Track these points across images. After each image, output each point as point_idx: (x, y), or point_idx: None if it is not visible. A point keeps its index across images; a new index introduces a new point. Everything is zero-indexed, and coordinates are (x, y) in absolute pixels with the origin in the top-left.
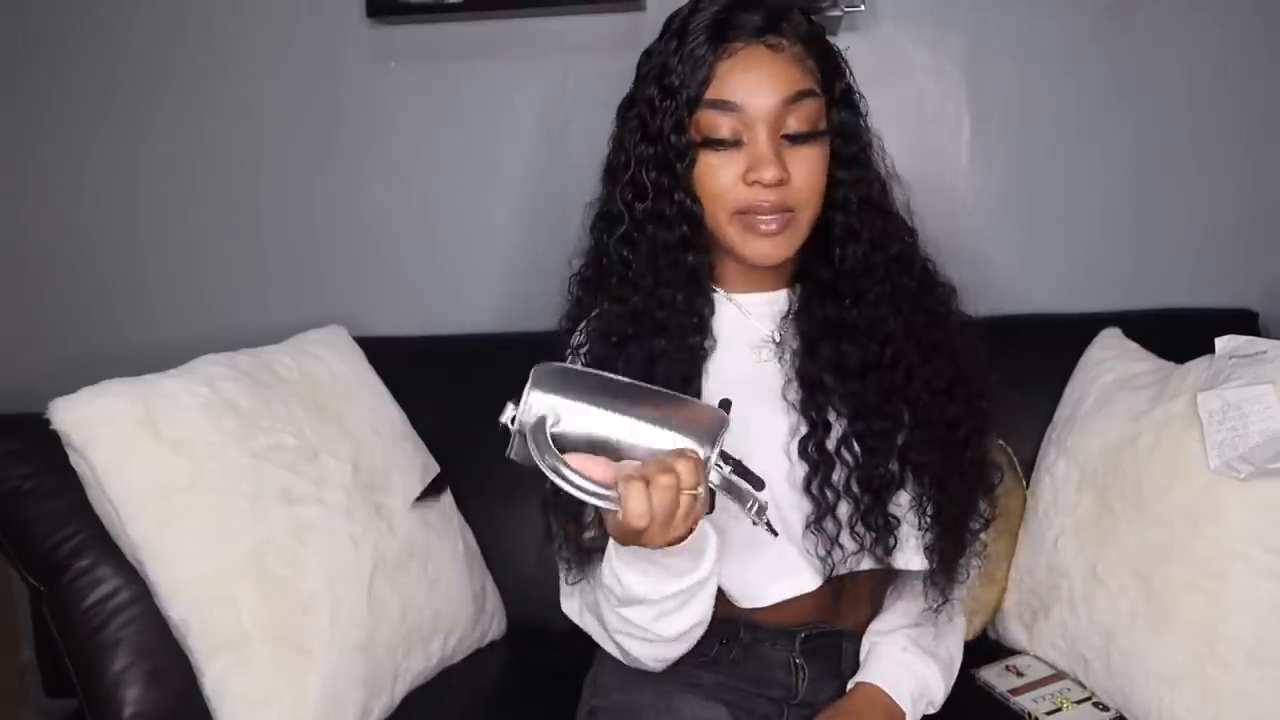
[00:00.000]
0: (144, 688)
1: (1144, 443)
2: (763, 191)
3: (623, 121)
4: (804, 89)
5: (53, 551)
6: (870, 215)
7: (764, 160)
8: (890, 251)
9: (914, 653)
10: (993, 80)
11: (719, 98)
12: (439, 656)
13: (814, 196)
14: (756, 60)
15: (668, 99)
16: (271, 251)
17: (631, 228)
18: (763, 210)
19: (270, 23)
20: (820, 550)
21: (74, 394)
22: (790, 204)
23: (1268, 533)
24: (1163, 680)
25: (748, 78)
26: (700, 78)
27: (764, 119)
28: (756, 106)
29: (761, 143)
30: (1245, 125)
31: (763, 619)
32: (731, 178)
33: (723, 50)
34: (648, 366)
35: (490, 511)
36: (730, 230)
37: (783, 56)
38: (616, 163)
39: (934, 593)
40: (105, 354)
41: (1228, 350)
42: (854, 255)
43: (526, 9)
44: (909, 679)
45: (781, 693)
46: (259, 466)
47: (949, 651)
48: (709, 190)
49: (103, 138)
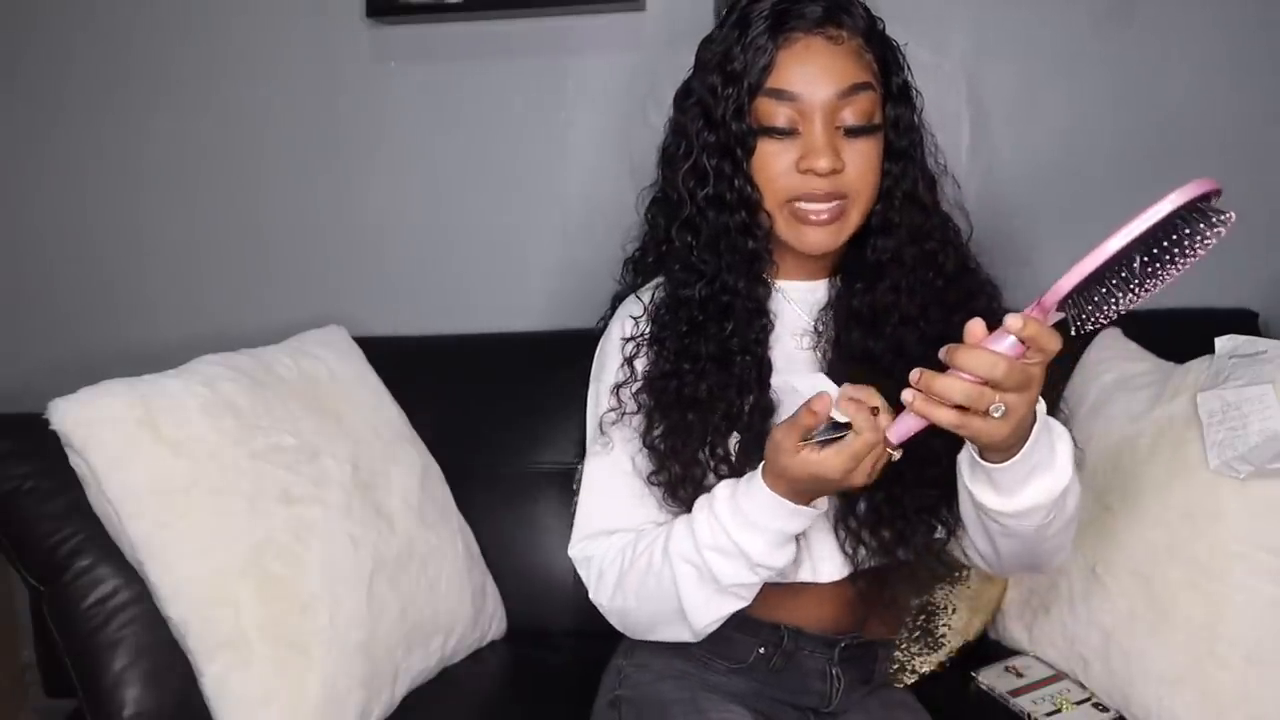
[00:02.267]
0: (144, 688)
1: (1143, 443)
2: (815, 180)
3: (682, 109)
4: (861, 82)
5: (53, 551)
6: (910, 210)
7: (818, 149)
8: (925, 246)
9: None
10: (993, 80)
11: (777, 86)
12: (439, 656)
13: (866, 189)
14: (816, 51)
15: (730, 86)
16: (271, 251)
17: (693, 213)
18: (815, 198)
19: (270, 23)
20: (849, 544)
21: (74, 394)
22: (843, 192)
23: (1268, 533)
24: (1162, 680)
25: (806, 69)
26: (761, 65)
27: (820, 109)
28: (813, 97)
29: (817, 132)
30: (1245, 126)
31: (807, 626)
32: (785, 165)
33: (783, 39)
34: (721, 346)
35: (490, 511)
36: (780, 219)
37: (842, 49)
38: (676, 149)
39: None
40: (105, 354)
41: (1227, 350)
42: (885, 247)
43: (526, 9)
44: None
45: (815, 701)
46: (258, 466)
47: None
48: (764, 177)
49: (103, 137)
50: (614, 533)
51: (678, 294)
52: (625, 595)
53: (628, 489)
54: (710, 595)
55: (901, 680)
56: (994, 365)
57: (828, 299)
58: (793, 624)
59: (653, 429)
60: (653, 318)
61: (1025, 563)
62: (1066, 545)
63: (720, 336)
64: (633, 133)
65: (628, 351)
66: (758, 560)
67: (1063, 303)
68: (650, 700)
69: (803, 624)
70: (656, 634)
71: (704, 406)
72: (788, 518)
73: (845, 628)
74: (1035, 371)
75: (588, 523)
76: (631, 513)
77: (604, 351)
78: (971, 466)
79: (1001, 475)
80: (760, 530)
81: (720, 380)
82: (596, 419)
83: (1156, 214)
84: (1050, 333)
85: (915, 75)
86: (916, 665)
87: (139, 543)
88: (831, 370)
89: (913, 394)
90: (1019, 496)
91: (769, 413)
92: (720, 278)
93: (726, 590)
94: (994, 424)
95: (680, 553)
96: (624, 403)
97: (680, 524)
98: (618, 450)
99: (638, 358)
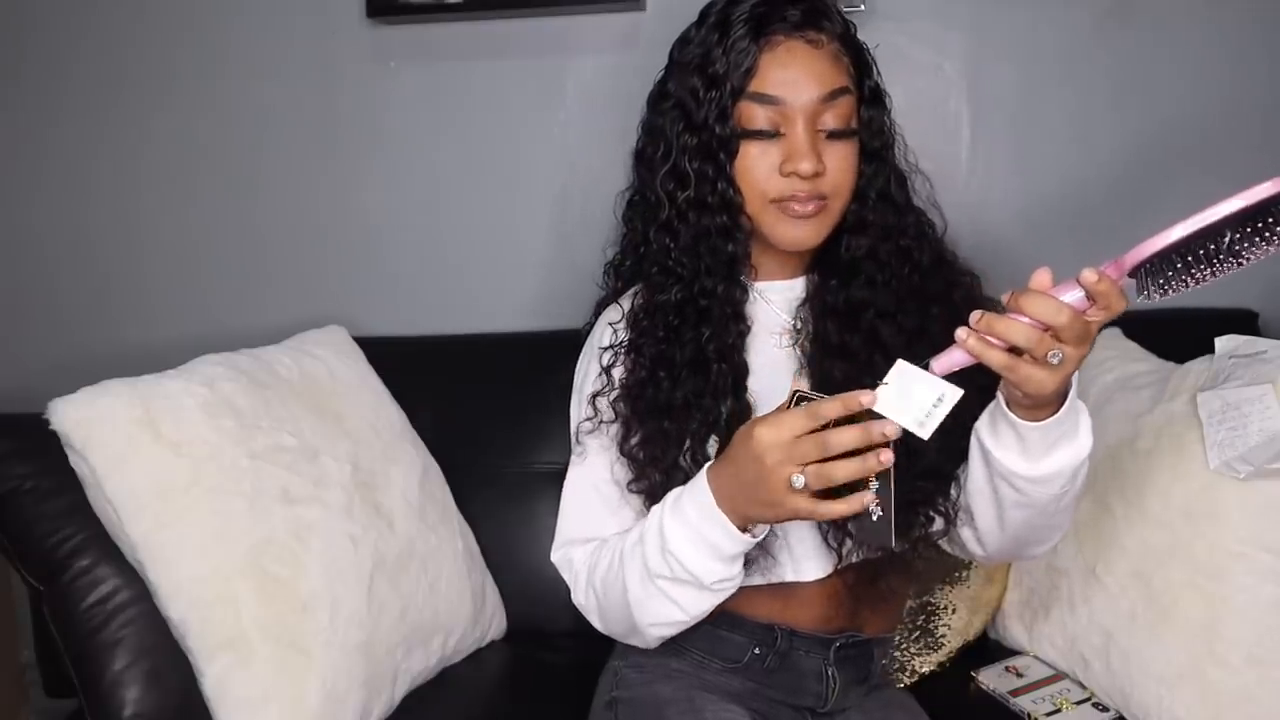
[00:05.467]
0: (144, 688)
1: (1144, 443)
2: (799, 183)
3: (659, 111)
4: (840, 86)
5: (53, 551)
6: (883, 208)
7: (801, 153)
8: (899, 243)
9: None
10: (993, 80)
11: (761, 91)
12: (439, 656)
13: (845, 189)
14: (797, 55)
15: (712, 89)
16: (271, 251)
17: (672, 215)
18: (798, 199)
19: (270, 23)
20: (833, 538)
21: (74, 394)
22: (824, 193)
23: (1268, 533)
24: (1162, 680)
25: (788, 73)
26: (744, 68)
27: (803, 113)
28: (796, 101)
29: (800, 136)
30: (1245, 126)
31: (800, 626)
32: (768, 168)
33: (765, 42)
34: (698, 351)
35: (490, 511)
36: (766, 217)
37: (822, 53)
38: (654, 152)
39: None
40: (105, 354)
41: (1227, 350)
42: (859, 245)
43: (526, 9)
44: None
45: (812, 701)
46: (258, 466)
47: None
48: (747, 179)
49: (103, 137)
50: (590, 541)
51: (655, 298)
52: (594, 595)
53: (601, 499)
54: (651, 593)
55: (901, 680)
56: (1059, 312)
57: (805, 295)
58: (785, 624)
59: (630, 438)
60: (631, 324)
61: (1025, 539)
62: (1065, 525)
63: (697, 341)
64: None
65: (605, 361)
66: (673, 549)
67: (1137, 268)
68: (646, 701)
69: (795, 623)
70: (627, 636)
71: (680, 414)
72: (709, 519)
73: (839, 626)
74: (1093, 328)
75: (566, 530)
76: (604, 523)
77: (584, 360)
78: (997, 431)
79: (1035, 435)
80: (684, 523)
81: (696, 386)
82: (575, 427)
83: (1262, 192)
84: (1119, 291)
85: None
86: (916, 665)
87: (139, 543)
88: (810, 364)
89: (967, 332)
90: (1045, 461)
91: (746, 418)
92: (699, 281)
93: (660, 589)
94: (1046, 372)
95: (629, 546)
96: (600, 412)
97: (641, 521)
98: (592, 459)
99: (616, 366)
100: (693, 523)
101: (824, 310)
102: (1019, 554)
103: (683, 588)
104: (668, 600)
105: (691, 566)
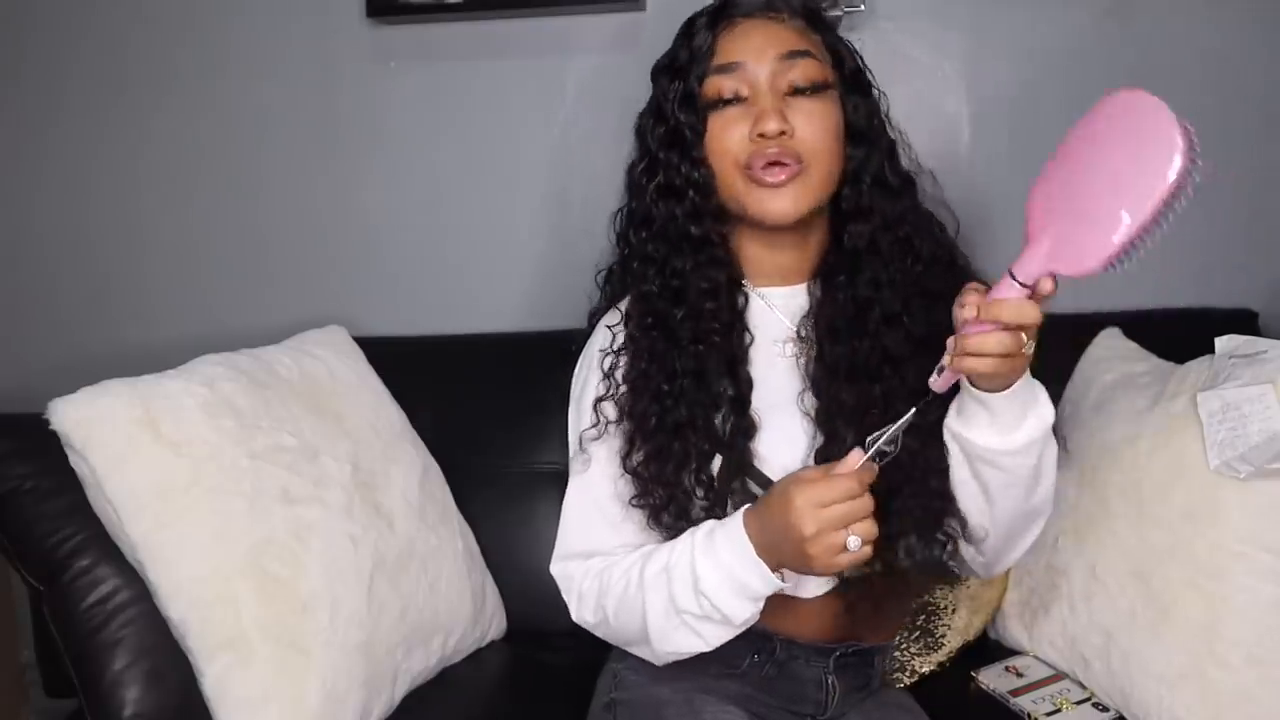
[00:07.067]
0: (144, 688)
1: (1144, 443)
2: (766, 143)
3: (640, 125)
4: (802, 49)
5: (53, 551)
6: (879, 195)
7: (766, 113)
8: (899, 233)
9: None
10: (993, 80)
11: (722, 61)
12: (439, 656)
13: (821, 149)
14: (757, 27)
15: (676, 80)
16: (271, 251)
17: (645, 207)
18: (771, 163)
19: (270, 23)
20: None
21: (74, 394)
22: (798, 153)
23: (1268, 533)
24: (1162, 680)
25: (748, 40)
26: (705, 49)
27: (766, 74)
28: (758, 63)
29: (763, 96)
30: (1245, 126)
31: (799, 636)
32: (739, 135)
33: (724, 25)
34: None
35: (490, 511)
36: (740, 188)
37: (782, 25)
38: (639, 161)
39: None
40: (105, 354)
41: (1228, 350)
42: (860, 232)
43: (526, 9)
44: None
45: (811, 708)
46: (258, 466)
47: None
48: (718, 150)
49: (103, 137)
50: (591, 556)
51: (640, 289)
52: (604, 614)
53: (602, 514)
54: (675, 625)
55: (901, 680)
56: (1031, 312)
57: (809, 305)
58: (784, 634)
59: (633, 454)
60: (626, 323)
61: (1014, 530)
62: (1047, 509)
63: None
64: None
65: (606, 365)
66: (706, 590)
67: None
68: (645, 702)
69: (794, 634)
70: (635, 651)
71: (684, 430)
72: (744, 563)
73: (839, 638)
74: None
75: (566, 544)
76: (606, 538)
77: (582, 368)
78: (966, 415)
79: (1004, 406)
80: (717, 565)
81: (699, 399)
82: (577, 437)
83: (1173, 177)
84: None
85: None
86: (916, 665)
87: (139, 543)
88: (815, 380)
89: (949, 358)
90: (1018, 432)
91: (750, 433)
92: (669, 263)
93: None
94: (1022, 360)
95: (651, 576)
96: (604, 415)
97: (662, 549)
98: (595, 471)
99: (618, 368)
100: (726, 565)
101: (829, 325)
102: (1011, 548)
103: (710, 624)
104: (692, 633)
105: (723, 607)
